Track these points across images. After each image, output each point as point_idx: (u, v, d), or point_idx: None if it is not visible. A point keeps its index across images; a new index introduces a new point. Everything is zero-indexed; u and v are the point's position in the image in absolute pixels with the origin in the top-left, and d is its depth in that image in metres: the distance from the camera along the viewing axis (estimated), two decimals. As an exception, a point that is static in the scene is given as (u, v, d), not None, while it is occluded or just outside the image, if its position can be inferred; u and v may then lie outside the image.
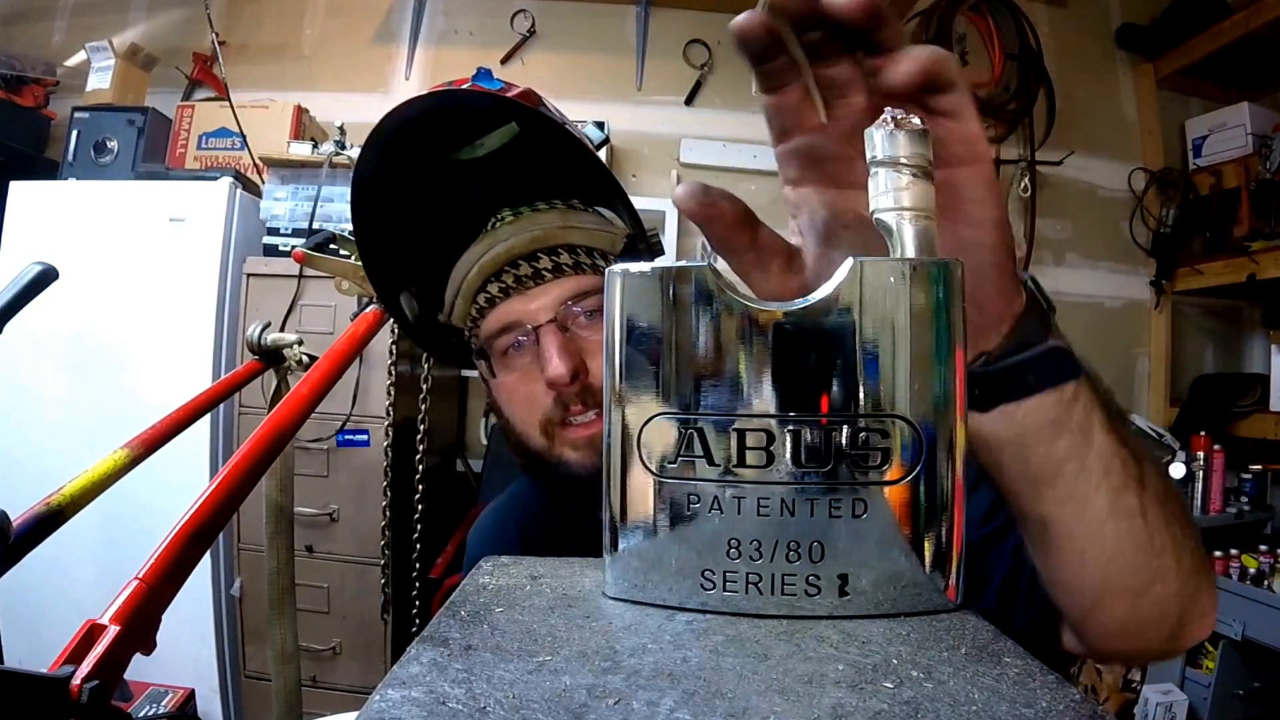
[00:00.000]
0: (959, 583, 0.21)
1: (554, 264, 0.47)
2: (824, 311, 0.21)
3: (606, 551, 0.23)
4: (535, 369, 0.47)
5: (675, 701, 0.17)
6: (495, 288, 0.48)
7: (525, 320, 0.47)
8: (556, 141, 0.48)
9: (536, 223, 0.48)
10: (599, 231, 0.50)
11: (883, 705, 0.16)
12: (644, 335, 0.22)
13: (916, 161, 0.21)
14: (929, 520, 0.21)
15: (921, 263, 0.21)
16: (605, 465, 0.22)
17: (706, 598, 0.22)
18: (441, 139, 0.48)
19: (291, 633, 0.85)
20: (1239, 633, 1.38)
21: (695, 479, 0.22)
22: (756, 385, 0.21)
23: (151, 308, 1.30)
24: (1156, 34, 1.81)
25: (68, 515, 0.48)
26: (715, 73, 1.81)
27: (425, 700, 0.16)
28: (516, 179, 0.50)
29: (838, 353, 0.21)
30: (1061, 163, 1.82)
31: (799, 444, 0.21)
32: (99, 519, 0.59)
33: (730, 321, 0.21)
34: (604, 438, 0.22)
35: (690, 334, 0.22)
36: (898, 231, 0.21)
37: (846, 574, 0.21)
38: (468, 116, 0.48)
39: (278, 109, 1.56)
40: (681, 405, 0.22)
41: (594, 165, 0.49)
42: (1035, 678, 0.18)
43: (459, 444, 1.74)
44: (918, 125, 0.21)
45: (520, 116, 0.47)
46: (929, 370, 0.21)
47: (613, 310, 0.22)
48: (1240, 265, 1.60)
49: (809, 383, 0.21)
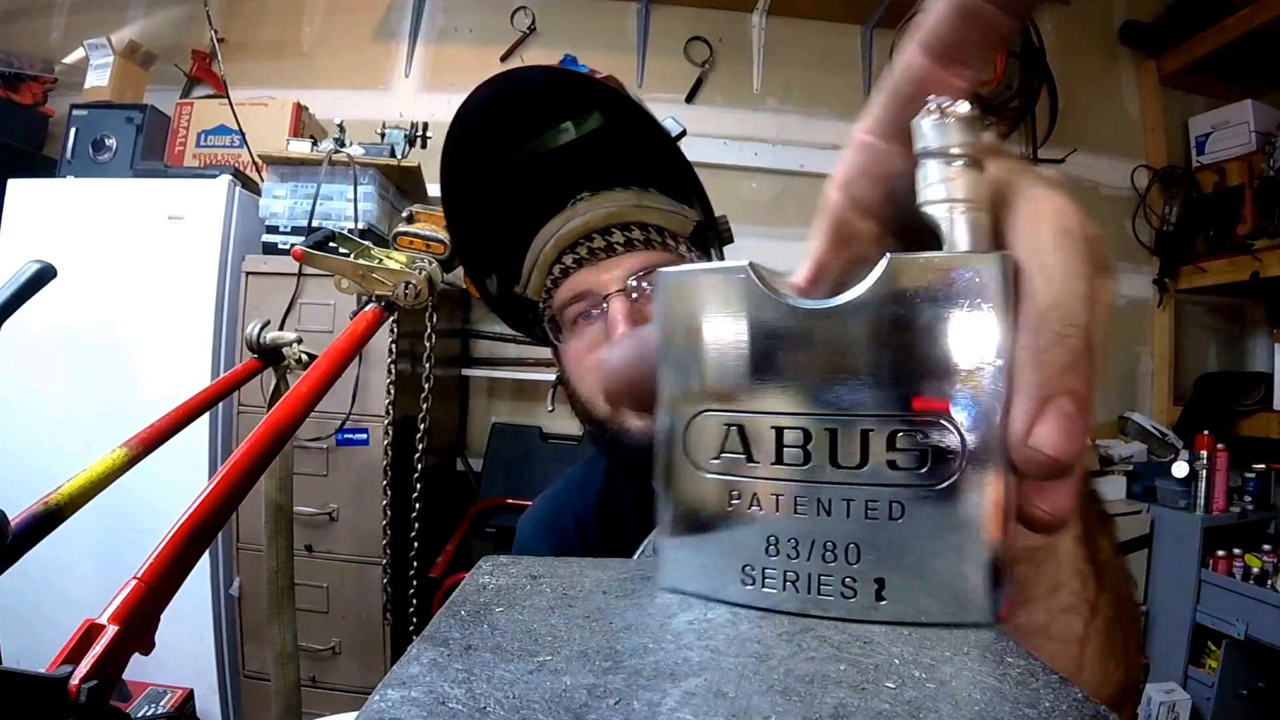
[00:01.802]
0: (1002, 599, 0.20)
1: (626, 239, 0.49)
2: (861, 308, 0.20)
3: (660, 544, 0.24)
4: (603, 337, 0.49)
5: (676, 702, 0.16)
6: (570, 259, 0.50)
7: (596, 290, 0.49)
8: (636, 129, 0.49)
9: (613, 200, 0.50)
10: (672, 213, 0.52)
11: (884, 705, 0.16)
12: (688, 333, 0.23)
13: (967, 150, 0.20)
14: (970, 529, 0.20)
15: (963, 257, 0.20)
16: (656, 461, 0.23)
17: (746, 594, 0.22)
18: (523, 122, 0.50)
19: (291, 632, 0.84)
20: (1242, 632, 1.38)
21: (735, 475, 0.22)
22: (793, 383, 0.21)
23: (150, 306, 1.30)
24: (1160, 31, 1.81)
25: (66, 514, 0.48)
26: (716, 70, 1.81)
27: (425, 700, 0.16)
28: (596, 165, 0.52)
29: (875, 351, 0.20)
30: (1064, 161, 1.81)
31: (835, 443, 0.21)
32: (97, 518, 0.59)
33: (767, 318, 0.21)
34: (655, 433, 0.23)
35: (729, 332, 0.22)
36: (949, 224, 0.20)
37: (883, 578, 0.21)
38: (548, 100, 0.50)
39: (277, 106, 1.56)
40: (722, 402, 0.22)
41: (673, 155, 0.51)
42: (1038, 678, 0.18)
43: (460, 443, 1.74)
44: (967, 111, 0.20)
45: (606, 102, 0.49)
46: (971, 370, 0.20)
47: (660, 309, 0.23)
48: (1244, 263, 1.60)
49: (846, 381, 0.21)
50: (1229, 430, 1.63)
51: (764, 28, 1.79)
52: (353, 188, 1.36)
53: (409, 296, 0.73)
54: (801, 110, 1.82)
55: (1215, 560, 1.51)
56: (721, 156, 1.78)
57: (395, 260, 0.75)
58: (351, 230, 1.26)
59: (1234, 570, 1.48)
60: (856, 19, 1.80)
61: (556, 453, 1.62)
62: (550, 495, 0.62)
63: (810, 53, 1.82)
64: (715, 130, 1.79)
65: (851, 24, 1.81)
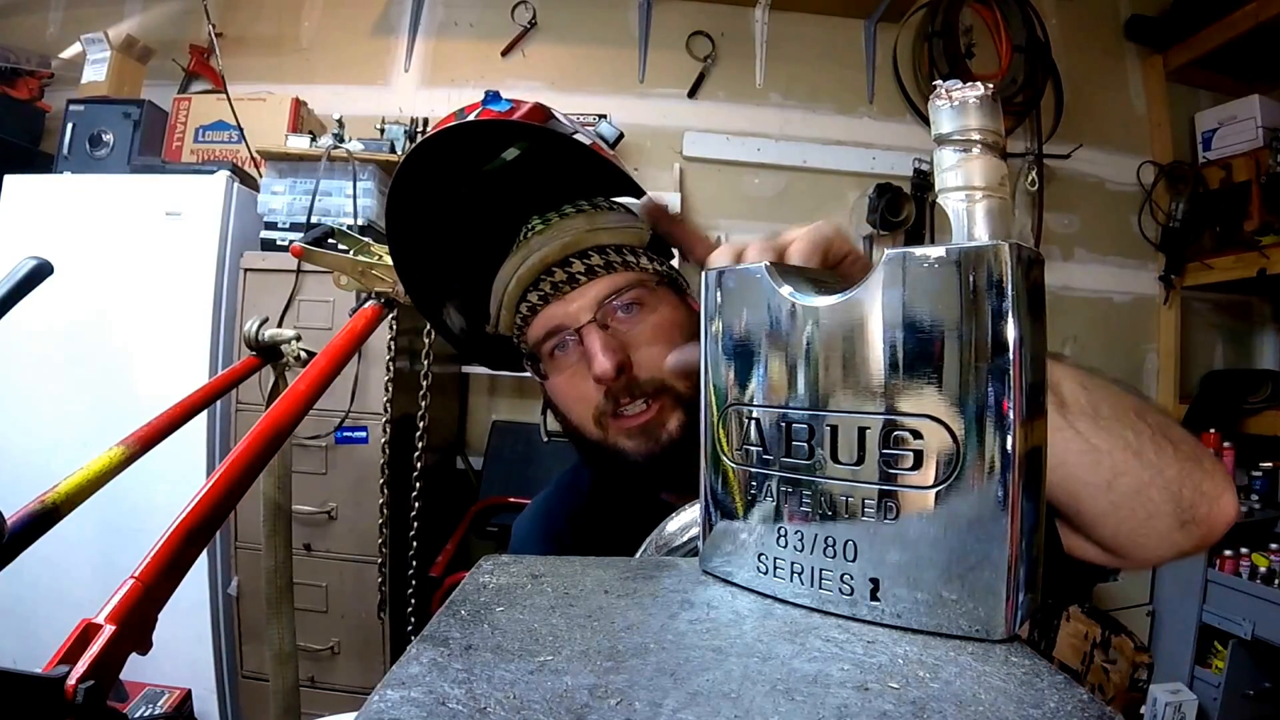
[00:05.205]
0: (1010, 612, 0.19)
1: (586, 267, 0.50)
2: (861, 306, 0.20)
3: (702, 531, 0.25)
4: (583, 367, 0.49)
5: (679, 702, 0.16)
6: (535, 296, 0.51)
7: (567, 323, 0.50)
8: (569, 150, 0.50)
9: (565, 229, 0.51)
10: (625, 229, 0.52)
11: (888, 705, 0.16)
12: (720, 331, 0.24)
13: (980, 137, 0.19)
14: (967, 534, 0.19)
15: (964, 250, 0.19)
16: (703, 451, 0.25)
17: (762, 581, 0.23)
18: (462, 158, 0.51)
19: (289, 632, 0.84)
20: (1249, 632, 1.38)
21: (754, 468, 0.23)
22: (800, 379, 0.22)
23: (148, 303, 1.29)
24: (1166, 25, 1.79)
25: (63, 513, 0.48)
26: (718, 65, 1.79)
27: (425, 700, 0.16)
28: (540, 187, 0.53)
29: (873, 348, 0.20)
30: (1069, 156, 1.80)
31: (835, 439, 0.21)
32: (94, 517, 0.59)
33: (777, 317, 0.22)
34: (702, 426, 0.25)
35: (747, 329, 0.23)
36: (964, 213, 0.20)
37: (878, 578, 0.20)
38: (482, 137, 0.51)
39: (275, 102, 1.55)
40: (745, 397, 0.23)
41: (606, 167, 0.51)
42: (1043, 677, 0.18)
43: (459, 441, 1.74)
44: (978, 93, 0.19)
45: (531, 134, 0.50)
46: (970, 368, 0.19)
47: (702, 309, 0.25)
48: (1251, 260, 1.59)
49: (846, 378, 0.21)
50: (1236, 428, 1.62)
51: (766, 22, 1.78)
52: (352, 184, 1.35)
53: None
54: (804, 105, 1.81)
55: (1222, 560, 1.51)
56: (724, 152, 1.77)
57: (394, 256, 0.74)
58: (350, 226, 1.25)
59: (1241, 570, 1.47)
60: (859, 13, 1.79)
61: (559, 451, 1.60)
62: (542, 498, 0.63)
63: (813, 47, 1.81)
64: (718, 126, 1.78)
65: (855, 18, 1.80)
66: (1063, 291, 1.82)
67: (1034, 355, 0.19)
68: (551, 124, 0.49)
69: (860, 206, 1.73)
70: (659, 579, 0.25)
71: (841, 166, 1.78)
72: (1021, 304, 0.19)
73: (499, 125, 0.48)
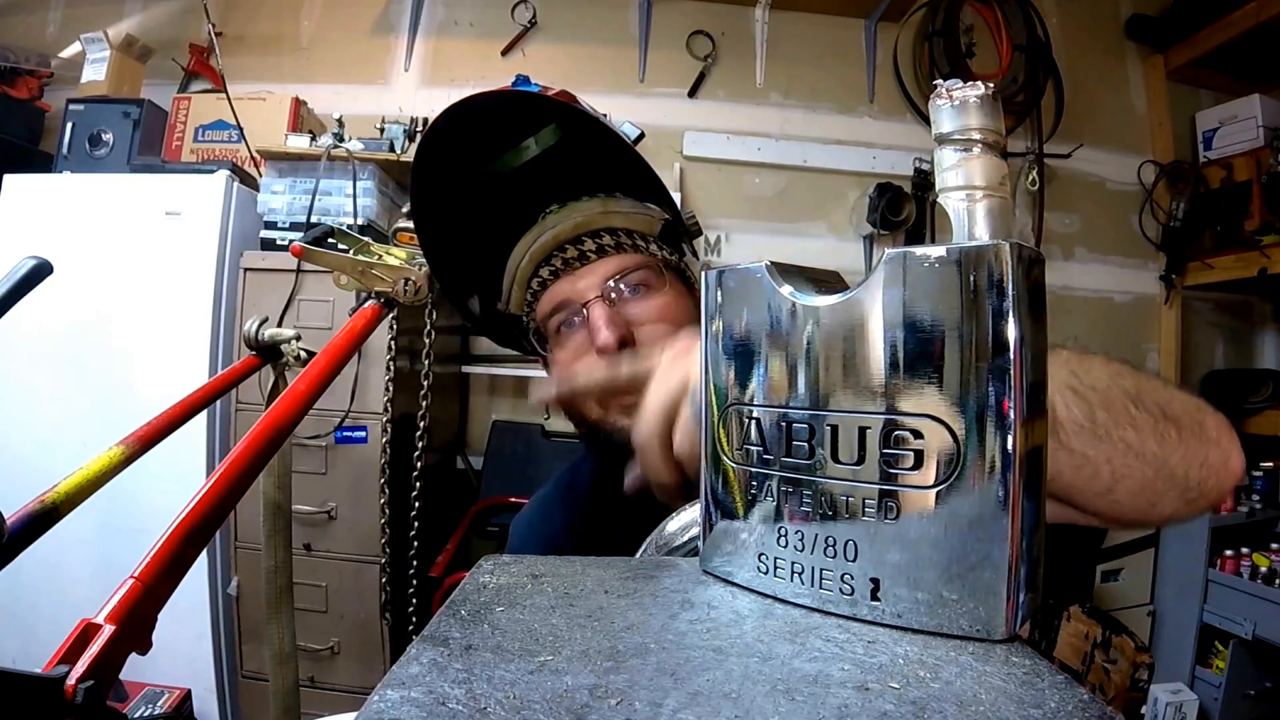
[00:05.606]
0: (1011, 612, 0.19)
1: (597, 245, 0.51)
2: (862, 306, 0.20)
3: (702, 531, 0.25)
4: (587, 344, 0.50)
5: (679, 702, 0.16)
6: (546, 271, 0.52)
7: (574, 299, 0.51)
8: (596, 138, 0.52)
9: (580, 210, 0.53)
10: (638, 215, 0.54)
11: (889, 705, 0.16)
12: (720, 330, 0.24)
13: (980, 136, 0.19)
14: (968, 534, 0.19)
15: (965, 250, 0.19)
16: (703, 450, 0.25)
17: (762, 581, 0.23)
18: (486, 145, 0.52)
19: (289, 632, 0.84)
20: (1250, 632, 1.38)
21: (754, 467, 0.23)
22: (800, 379, 0.22)
23: (147, 303, 1.29)
24: (1166, 25, 1.79)
25: (62, 513, 0.48)
26: (719, 64, 1.79)
27: (425, 701, 0.16)
28: (561, 177, 0.54)
29: (873, 347, 0.20)
30: (1070, 155, 1.80)
31: (836, 439, 0.21)
32: (94, 517, 0.59)
33: (777, 316, 0.22)
34: (702, 426, 0.25)
35: (747, 329, 0.23)
36: (964, 213, 0.20)
37: (878, 578, 0.20)
38: (508, 120, 0.52)
39: (275, 101, 1.55)
40: (746, 397, 0.23)
41: (631, 158, 0.53)
42: (1043, 677, 0.17)
43: (460, 441, 1.74)
44: (979, 93, 0.19)
45: (561, 116, 0.52)
46: (971, 368, 0.18)
47: (703, 308, 0.25)
48: (1251, 259, 1.59)
49: (847, 377, 0.21)
50: (1236, 428, 1.61)
51: (767, 21, 1.78)
52: (352, 183, 1.35)
53: (408, 293, 0.72)
54: (805, 105, 1.81)
55: (1223, 560, 1.51)
56: (724, 151, 1.77)
57: (395, 256, 0.74)
58: (350, 226, 1.25)
59: (1241, 570, 1.47)
60: (860, 13, 1.79)
61: (559, 450, 1.61)
62: (540, 497, 0.64)
63: (813, 47, 1.81)
64: (718, 125, 1.78)
65: (855, 18, 1.80)
66: (1063, 291, 1.82)
67: (1035, 355, 0.19)
68: (580, 108, 0.51)
69: (861, 206, 1.73)
70: (659, 579, 0.25)
71: (842, 166, 1.78)
72: (1022, 303, 0.19)
73: (535, 99, 0.50)
